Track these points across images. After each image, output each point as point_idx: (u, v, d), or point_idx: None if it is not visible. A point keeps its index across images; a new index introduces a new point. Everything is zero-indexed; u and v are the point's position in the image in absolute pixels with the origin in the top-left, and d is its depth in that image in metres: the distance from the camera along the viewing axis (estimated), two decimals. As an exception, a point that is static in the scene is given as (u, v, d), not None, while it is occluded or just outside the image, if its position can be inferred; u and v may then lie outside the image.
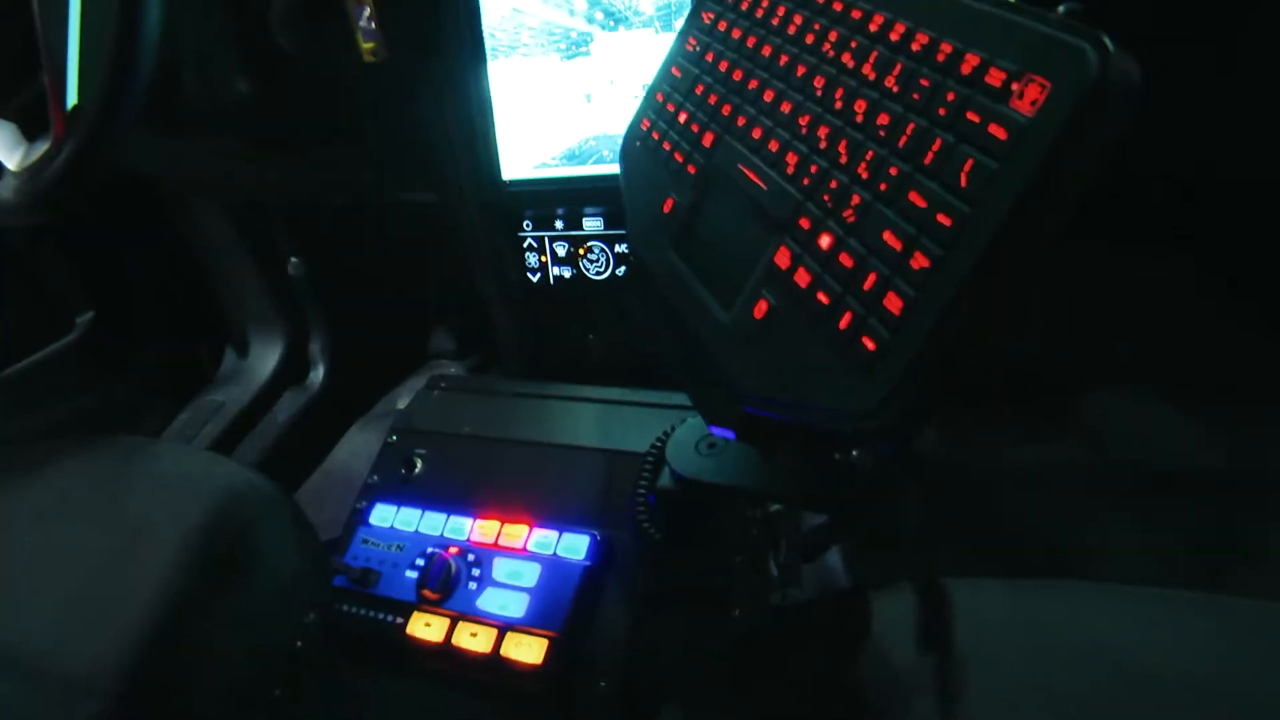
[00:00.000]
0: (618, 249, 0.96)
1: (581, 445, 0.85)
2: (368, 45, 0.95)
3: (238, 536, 0.81)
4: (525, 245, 1.00)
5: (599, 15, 0.89)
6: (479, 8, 0.91)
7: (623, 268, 0.97)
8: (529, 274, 1.01)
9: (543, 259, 0.99)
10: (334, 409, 1.51)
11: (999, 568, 0.63)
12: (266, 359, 1.53)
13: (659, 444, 0.71)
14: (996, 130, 0.36)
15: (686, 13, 0.64)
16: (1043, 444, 1.18)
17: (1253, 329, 1.14)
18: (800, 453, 0.58)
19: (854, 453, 0.54)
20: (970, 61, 0.38)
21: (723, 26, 0.59)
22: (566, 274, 0.99)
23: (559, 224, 0.97)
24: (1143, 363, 1.18)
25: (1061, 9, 0.36)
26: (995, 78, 0.36)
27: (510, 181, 0.96)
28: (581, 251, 0.97)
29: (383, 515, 0.85)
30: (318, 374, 1.53)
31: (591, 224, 0.96)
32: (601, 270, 0.98)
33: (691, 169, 0.57)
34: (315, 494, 1.39)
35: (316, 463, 1.45)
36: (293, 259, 1.44)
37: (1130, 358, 1.18)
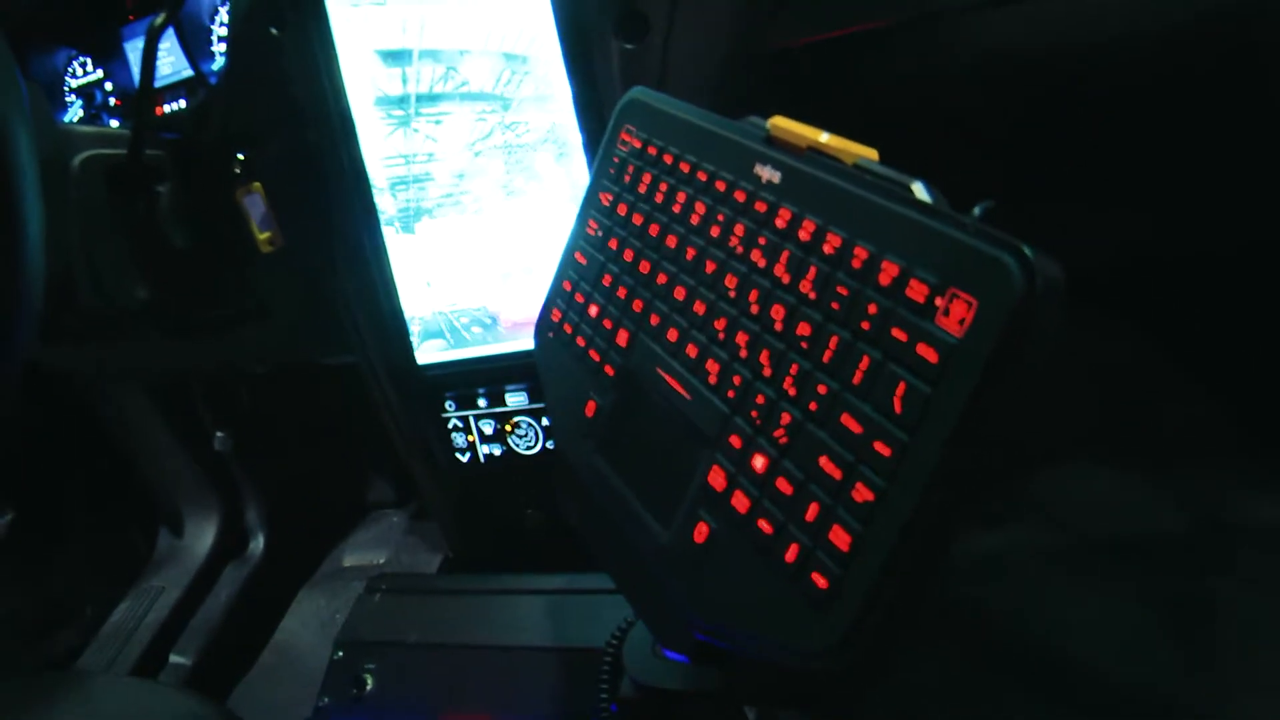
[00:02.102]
0: (545, 422, 0.92)
1: (534, 645, 0.80)
2: (263, 236, 0.91)
3: None
4: (450, 426, 0.95)
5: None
6: (370, 185, 0.88)
7: (552, 441, 0.92)
8: (458, 454, 0.96)
9: (470, 438, 0.95)
10: (279, 577, 1.44)
11: (977, 664, 0.59)
12: (203, 536, 1.46)
13: (615, 643, 0.66)
14: (926, 352, 0.33)
15: (585, 190, 0.60)
16: (996, 529, 1.15)
17: (1193, 387, 1.13)
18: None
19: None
20: (889, 271, 0.35)
21: (622, 210, 0.55)
22: (496, 451, 0.95)
23: (482, 402, 0.93)
24: (1086, 434, 1.16)
25: (977, 210, 0.34)
26: (918, 291, 0.34)
27: (425, 365, 0.92)
28: (508, 428, 0.93)
29: (335, 747, 0.78)
30: (258, 544, 1.47)
31: (515, 399, 0.92)
32: (531, 445, 0.93)
33: (609, 370, 0.53)
34: (267, 674, 1.29)
35: (267, 637, 1.37)
36: (218, 434, 1.38)
37: (1073, 430, 1.17)
